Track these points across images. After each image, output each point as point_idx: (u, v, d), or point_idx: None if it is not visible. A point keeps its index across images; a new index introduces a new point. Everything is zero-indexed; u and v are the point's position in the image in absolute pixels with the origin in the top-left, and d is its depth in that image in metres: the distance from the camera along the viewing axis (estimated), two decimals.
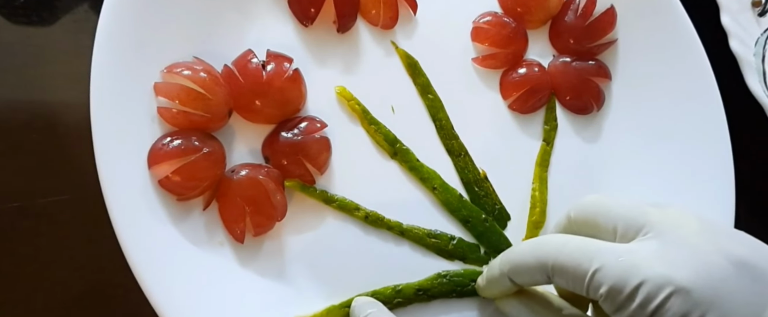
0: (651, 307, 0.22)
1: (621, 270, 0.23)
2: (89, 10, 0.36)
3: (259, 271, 0.31)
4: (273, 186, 0.30)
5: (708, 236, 0.23)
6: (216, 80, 0.30)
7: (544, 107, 0.37)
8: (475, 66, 0.36)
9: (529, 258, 0.26)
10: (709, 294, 0.22)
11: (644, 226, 0.24)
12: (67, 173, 0.34)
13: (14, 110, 0.34)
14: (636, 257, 0.23)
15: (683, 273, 0.22)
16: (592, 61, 0.37)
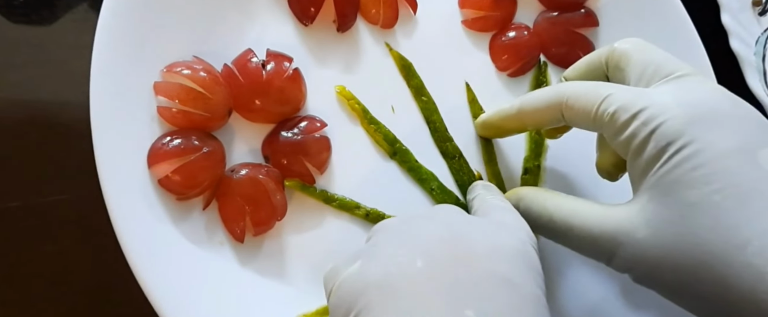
0: (652, 125, 0.23)
1: (630, 95, 0.24)
2: (89, 9, 0.36)
3: (259, 270, 0.31)
4: (273, 186, 0.30)
5: (725, 93, 0.24)
6: (216, 80, 0.30)
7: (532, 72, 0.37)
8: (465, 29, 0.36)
9: (546, 91, 0.28)
10: (710, 117, 0.23)
11: (665, 74, 0.25)
12: (67, 172, 0.34)
13: (14, 109, 0.34)
14: (647, 90, 0.25)
15: (688, 98, 0.23)
16: (580, 10, 0.37)
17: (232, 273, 0.30)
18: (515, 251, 0.23)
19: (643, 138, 0.23)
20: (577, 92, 0.26)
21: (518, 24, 0.36)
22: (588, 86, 0.26)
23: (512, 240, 0.24)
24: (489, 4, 0.36)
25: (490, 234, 0.24)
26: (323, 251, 0.32)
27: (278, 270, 0.31)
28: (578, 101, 0.26)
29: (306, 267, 0.31)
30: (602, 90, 0.25)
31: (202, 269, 0.29)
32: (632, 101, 0.24)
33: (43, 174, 0.34)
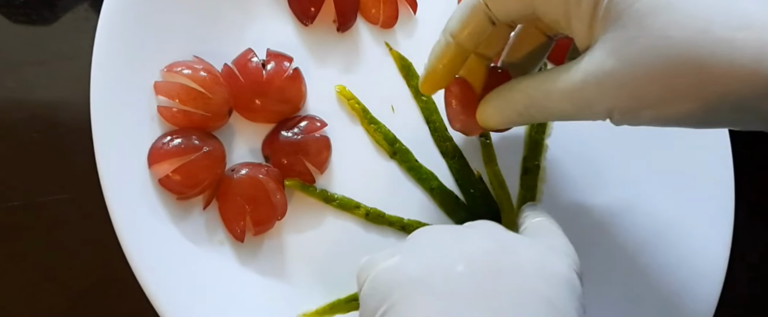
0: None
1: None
2: (89, 10, 0.36)
3: (260, 270, 0.31)
4: (273, 185, 0.30)
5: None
6: (216, 79, 0.30)
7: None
8: None
9: (462, 3, 0.27)
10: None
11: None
12: (68, 172, 0.34)
13: (15, 109, 0.34)
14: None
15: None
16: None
17: (232, 273, 0.30)
18: (562, 276, 0.22)
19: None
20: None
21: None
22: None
23: (560, 264, 0.23)
24: None
25: (538, 254, 0.23)
26: (323, 250, 0.32)
27: (278, 270, 0.31)
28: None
29: (306, 267, 0.31)
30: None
31: (202, 268, 0.29)
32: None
33: (43, 174, 0.34)
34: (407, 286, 0.21)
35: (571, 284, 0.23)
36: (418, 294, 0.21)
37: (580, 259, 0.34)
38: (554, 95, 0.24)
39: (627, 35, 0.21)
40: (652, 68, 0.21)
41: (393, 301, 0.21)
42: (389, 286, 0.21)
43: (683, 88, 0.21)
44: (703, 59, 0.20)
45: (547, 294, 0.21)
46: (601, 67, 0.22)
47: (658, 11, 0.21)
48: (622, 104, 0.22)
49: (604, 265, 0.34)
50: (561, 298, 0.21)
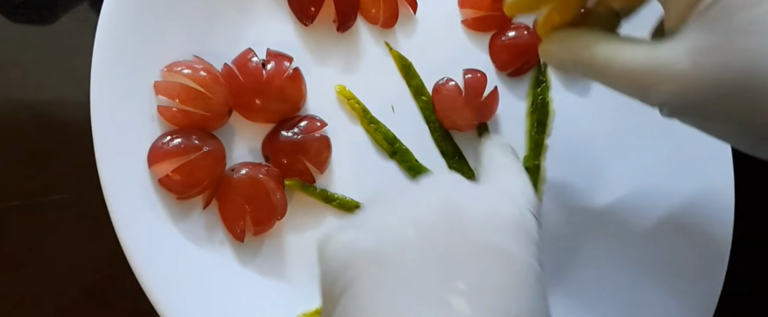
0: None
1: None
2: (89, 9, 0.36)
3: (260, 270, 0.31)
4: (273, 185, 0.30)
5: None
6: (216, 79, 0.30)
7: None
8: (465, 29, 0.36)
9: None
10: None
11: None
12: (68, 171, 0.34)
13: (14, 109, 0.34)
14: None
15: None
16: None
17: (232, 272, 0.30)
18: (512, 220, 0.22)
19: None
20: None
21: (518, 24, 0.36)
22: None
23: (511, 208, 0.23)
24: (489, 3, 0.36)
25: (488, 203, 0.23)
26: None
27: (278, 270, 0.31)
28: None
29: (306, 267, 0.31)
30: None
31: (202, 268, 0.29)
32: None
33: (43, 174, 0.34)
34: (361, 261, 0.21)
35: (522, 226, 0.22)
36: (371, 267, 0.21)
37: (579, 259, 0.34)
38: (615, 67, 0.24)
39: (714, 44, 0.21)
40: (724, 86, 0.21)
41: (349, 278, 0.21)
42: (343, 263, 0.21)
43: (741, 115, 0.21)
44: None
45: (499, 242, 0.21)
46: (675, 62, 0.22)
47: (755, 30, 0.21)
48: (677, 104, 0.23)
49: (604, 265, 0.34)
50: (514, 244, 0.21)
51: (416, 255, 0.21)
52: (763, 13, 0.21)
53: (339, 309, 0.21)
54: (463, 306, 0.19)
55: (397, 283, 0.20)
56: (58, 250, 0.33)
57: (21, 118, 0.34)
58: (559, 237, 0.35)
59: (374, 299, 0.20)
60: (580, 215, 0.35)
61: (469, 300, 0.19)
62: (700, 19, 0.22)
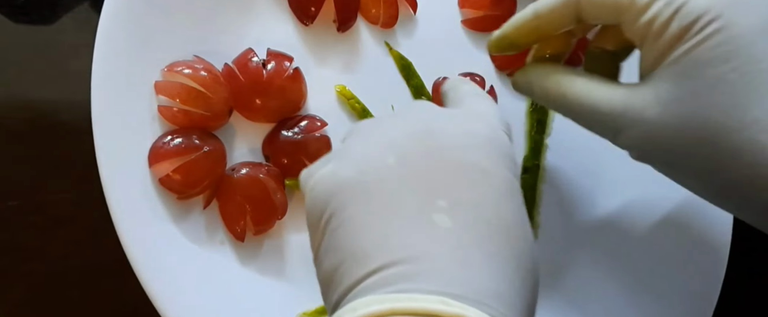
0: (676, 3, 0.22)
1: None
2: (90, 9, 0.36)
3: (260, 269, 0.31)
4: (273, 185, 0.30)
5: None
6: (216, 79, 0.30)
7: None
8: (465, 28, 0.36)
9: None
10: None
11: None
12: (68, 171, 0.34)
13: (15, 109, 0.34)
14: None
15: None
16: None
17: (232, 272, 0.30)
18: (486, 138, 0.23)
19: (665, 18, 0.23)
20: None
21: None
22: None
23: (484, 127, 0.24)
24: (489, 3, 0.36)
25: (461, 124, 0.24)
26: None
27: (279, 269, 0.31)
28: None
29: (306, 266, 0.31)
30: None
31: (202, 268, 0.29)
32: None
33: (43, 174, 0.34)
34: (344, 191, 0.22)
35: (496, 142, 0.23)
36: (354, 195, 0.21)
37: (579, 258, 0.34)
38: (586, 107, 0.25)
39: (681, 96, 0.22)
40: (687, 139, 0.22)
41: (333, 209, 0.21)
42: (327, 194, 0.22)
43: (702, 169, 0.23)
44: (732, 156, 0.21)
45: (475, 159, 0.22)
46: (644, 109, 0.23)
47: (720, 88, 0.22)
48: (644, 150, 0.24)
49: (604, 265, 0.34)
50: (489, 160, 0.22)
51: (397, 180, 0.21)
52: (729, 71, 0.21)
53: (326, 238, 0.21)
54: (445, 221, 0.20)
55: (380, 208, 0.21)
56: (58, 249, 0.33)
57: (21, 118, 0.34)
58: (559, 237, 0.35)
59: (360, 225, 0.21)
60: (579, 214, 0.35)
61: (451, 215, 0.20)
62: (671, 69, 0.23)
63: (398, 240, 0.20)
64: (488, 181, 0.22)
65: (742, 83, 0.21)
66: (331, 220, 0.21)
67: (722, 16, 0.22)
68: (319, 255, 0.22)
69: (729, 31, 0.22)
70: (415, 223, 0.20)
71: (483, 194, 0.21)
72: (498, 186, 0.22)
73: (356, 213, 0.21)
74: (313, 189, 0.23)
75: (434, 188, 0.21)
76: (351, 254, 0.20)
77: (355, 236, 0.21)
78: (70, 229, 0.33)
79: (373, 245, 0.20)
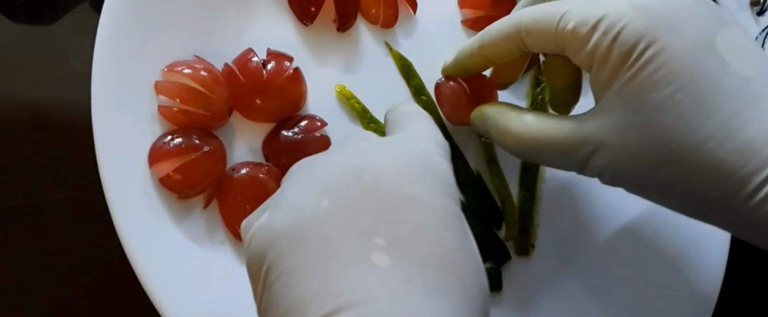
0: (613, 32, 0.23)
1: (586, 7, 0.24)
2: (90, 9, 0.36)
3: None
4: (273, 185, 0.30)
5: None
6: (216, 79, 0.30)
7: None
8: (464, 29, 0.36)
9: (503, 22, 0.28)
10: (666, 15, 0.23)
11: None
12: (68, 171, 0.34)
13: (15, 109, 0.34)
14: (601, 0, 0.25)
15: (644, 3, 0.23)
16: None
17: (232, 272, 0.30)
18: (420, 166, 0.23)
19: (605, 48, 0.23)
20: (534, 16, 0.26)
21: None
22: (543, 8, 0.26)
23: (416, 154, 0.23)
24: (488, 3, 0.36)
25: (393, 155, 0.23)
26: None
27: None
28: (536, 25, 0.26)
29: None
30: (557, 9, 0.25)
31: (203, 267, 0.29)
32: (589, 12, 0.24)
33: (44, 173, 0.34)
34: (279, 241, 0.21)
35: (429, 168, 0.23)
36: (290, 245, 0.21)
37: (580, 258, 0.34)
38: (543, 145, 0.26)
39: (635, 122, 0.23)
40: (647, 163, 0.23)
41: (269, 261, 0.21)
42: (263, 247, 0.21)
43: (666, 189, 0.24)
44: (691, 175, 0.22)
45: (409, 191, 0.22)
46: (602, 139, 0.24)
47: (668, 110, 0.22)
48: (608, 176, 0.25)
49: (604, 264, 0.34)
50: (423, 188, 0.22)
51: (332, 223, 0.21)
52: (675, 91, 0.22)
53: (266, 293, 0.21)
54: (384, 259, 0.20)
55: (317, 255, 0.20)
56: (59, 250, 0.33)
57: (21, 118, 0.34)
58: (558, 236, 0.35)
59: (297, 275, 0.20)
60: (579, 213, 0.35)
61: (390, 252, 0.20)
62: (619, 95, 0.24)
63: (338, 286, 0.19)
64: (424, 211, 0.21)
65: (689, 102, 0.22)
66: (269, 273, 0.21)
67: (658, 40, 0.22)
68: (261, 311, 0.21)
69: (667, 54, 0.22)
70: (353, 265, 0.20)
71: (419, 226, 0.21)
72: (434, 215, 0.21)
73: (292, 264, 0.20)
74: (250, 243, 0.22)
75: (370, 226, 0.21)
76: (292, 307, 0.19)
77: (293, 288, 0.20)
78: (70, 229, 0.33)
79: (313, 295, 0.19)
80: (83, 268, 0.33)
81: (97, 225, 0.29)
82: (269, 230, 0.21)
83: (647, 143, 0.23)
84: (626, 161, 0.24)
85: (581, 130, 0.25)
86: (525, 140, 0.27)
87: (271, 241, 0.21)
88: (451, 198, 0.22)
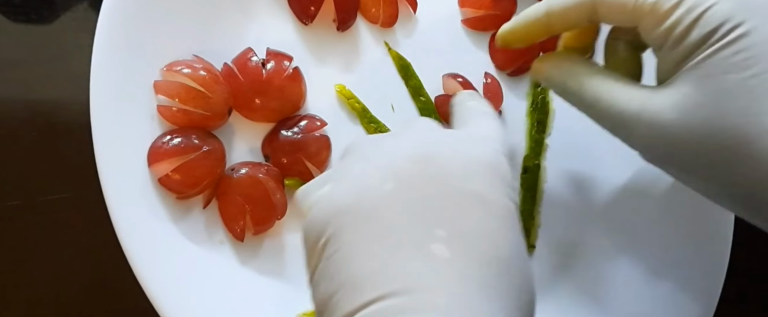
0: (697, 10, 0.22)
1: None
2: (89, 9, 0.36)
3: (260, 269, 0.31)
4: (273, 185, 0.30)
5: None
6: (216, 79, 0.30)
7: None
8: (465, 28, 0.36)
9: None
10: (758, 4, 0.22)
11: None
12: (67, 171, 0.34)
13: (14, 108, 0.34)
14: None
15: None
16: None
17: (232, 272, 0.30)
18: (488, 165, 0.23)
19: (687, 25, 0.23)
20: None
21: None
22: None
23: (486, 152, 0.23)
24: (489, 3, 0.36)
25: (463, 149, 0.23)
26: None
27: (278, 269, 0.31)
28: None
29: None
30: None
31: (202, 268, 0.29)
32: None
33: (43, 173, 0.34)
34: (341, 215, 0.21)
35: (497, 170, 0.23)
36: (352, 220, 0.21)
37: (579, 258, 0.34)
38: (602, 105, 0.25)
39: (700, 101, 0.22)
40: (704, 145, 0.22)
41: (330, 233, 0.21)
42: (324, 217, 0.22)
43: (716, 175, 0.22)
44: (749, 163, 0.21)
45: (475, 188, 0.22)
46: (661, 113, 0.23)
47: (739, 94, 0.21)
48: (658, 154, 0.24)
49: (604, 263, 0.34)
50: (490, 188, 0.22)
51: (395, 207, 0.21)
52: (750, 77, 0.21)
53: (322, 263, 0.21)
54: (443, 251, 0.20)
55: (378, 236, 0.20)
56: (58, 250, 0.33)
57: (21, 118, 0.34)
58: (559, 236, 0.35)
59: (357, 251, 0.20)
60: (580, 213, 0.35)
61: (450, 245, 0.20)
62: (690, 74, 0.23)
63: (395, 271, 0.19)
64: (488, 210, 0.21)
65: (762, 90, 0.21)
66: (329, 245, 0.21)
67: (745, 23, 0.22)
68: (315, 279, 0.22)
69: (751, 38, 0.21)
70: (412, 253, 0.20)
71: (482, 224, 0.21)
72: (497, 216, 0.21)
73: (353, 240, 0.21)
74: (311, 211, 0.22)
75: (433, 216, 0.21)
76: (347, 282, 0.20)
77: (351, 265, 0.20)
78: (70, 229, 0.33)
79: (370, 274, 0.20)
80: (82, 268, 0.33)
81: (96, 225, 0.29)
82: (332, 203, 0.22)
83: (710, 124, 0.22)
84: (679, 139, 0.23)
85: (642, 99, 0.24)
86: (587, 95, 0.26)
87: (334, 214, 0.21)
88: (513, 202, 0.22)
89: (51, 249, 0.33)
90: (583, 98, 0.26)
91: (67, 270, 0.33)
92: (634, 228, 0.35)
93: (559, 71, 0.28)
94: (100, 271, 0.33)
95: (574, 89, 0.27)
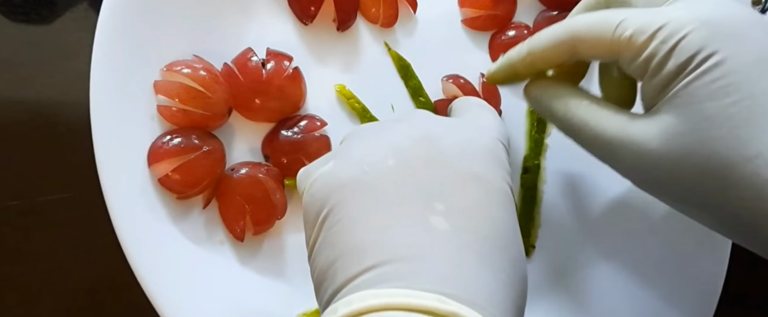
0: (672, 41, 0.23)
1: (645, 16, 0.24)
2: (89, 9, 0.36)
3: (259, 269, 0.31)
4: (273, 185, 0.30)
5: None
6: (216, 79, 0.30)
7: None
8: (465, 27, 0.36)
9: (556, 28, 0.27)
10: (730, 28, 0.22)
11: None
12: (67, 171, 0.34)
13: (14, 109, 0.34)
14: (661, 8, 0.24)
15: (706, 11, 0.23)
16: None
17: (232, 272, 0.30)
18: (485, 148, 0.24)
19: (662, 56, 0.23)
20: (589, 23, 0.26)
21: (518, 23, 0.36)
22: (598, 16, 0.26)
23: (483, 137, 0.25)
24: (489, 3, 0.36)
25: (462, 133, 0.24)
26: None
27: (278, 269, 0.31)
28: (591, 32, 0.25)
29: (306, 266, 0.31)
30: (614, 17, 0.25)
31: (202, 268, 0.29)
32: (649, 21, 0.23)
33: (43, 174, 0.34)
34: (343, 188, 0.22)
35: (494, 154, 0.24)
36: (353, 193, 0.22)
37: (580, 258, 0.34)
38: (589, 131, 0.26)
39: (683, 130, 0.22)
40: (689, 172, 0.22)
41: (331, 205, 0.22)
42: (326, 191, 0.22)
43: (704, 202, 0.23)
44: (734, 190, 0.21)
45: (473, 168, 0.23)
46: (646, 141, 0.23)
47: (720, 121, 0.22)
48: (643, 180, 0.24)
49: (604, 263, 0.34)
50: (487, 170, 0.23)
51: (396, 181, 0.22)
52: (730, 104, 0.22)
53: (322, 235, 0.22)
54: (442, 224, 0.21)
55: (379, 207, 0.21)
56: (58, 250, 0.33)
57: (20, 117, 0.34)
58: (559, 236, 0.35)
59: (357, 222, 0.21)
60: (580, 213, 0.35)
61: (448, 218, 0.21)
62: (670, 103, 0.23)
63: (395, 239, 0.20)
64: (485, 190, 0.22)
65: (743, 117, 0.21)
66: (329, 217, 0.22)
67: (719, 52, 0.22)
68: (315, 252, 0.22)
69: (727, 66, 0.22)
70: (412, 224, 0.21)
71: (479, 201, 0.22)
72: (494, 195, 0.22)
73: (354, 210, 0.21)
74: (312, 186, 0.23)
75: (432, 192, 0.22)
76: (347, 250, 0.21)
77: (351, 233, 0.21)
78: (70, 229, 0.33)
79: (370, 242, 0.20)
80: (82, 268, 0.33)
81: (96, 225, 0.29)
82: (334, 178, 0.23)
83: (692, 152, 0.22)
84: (664, 168, 0.23)
85: (628, 124, 0.24)
86: (573, 122, 0.26)
87: (335, 187, 0.22)
88: (507, 183, 0.24)
89: (51, 250, 0.33)
90: (571, 124, 0.26)
91: (67, 271, 0.33)
92: (634, 228, 0.35)
93: (547, 96, 0.28)
94: (100, 271, 0.33)
95: (561, 113, 0.27)
